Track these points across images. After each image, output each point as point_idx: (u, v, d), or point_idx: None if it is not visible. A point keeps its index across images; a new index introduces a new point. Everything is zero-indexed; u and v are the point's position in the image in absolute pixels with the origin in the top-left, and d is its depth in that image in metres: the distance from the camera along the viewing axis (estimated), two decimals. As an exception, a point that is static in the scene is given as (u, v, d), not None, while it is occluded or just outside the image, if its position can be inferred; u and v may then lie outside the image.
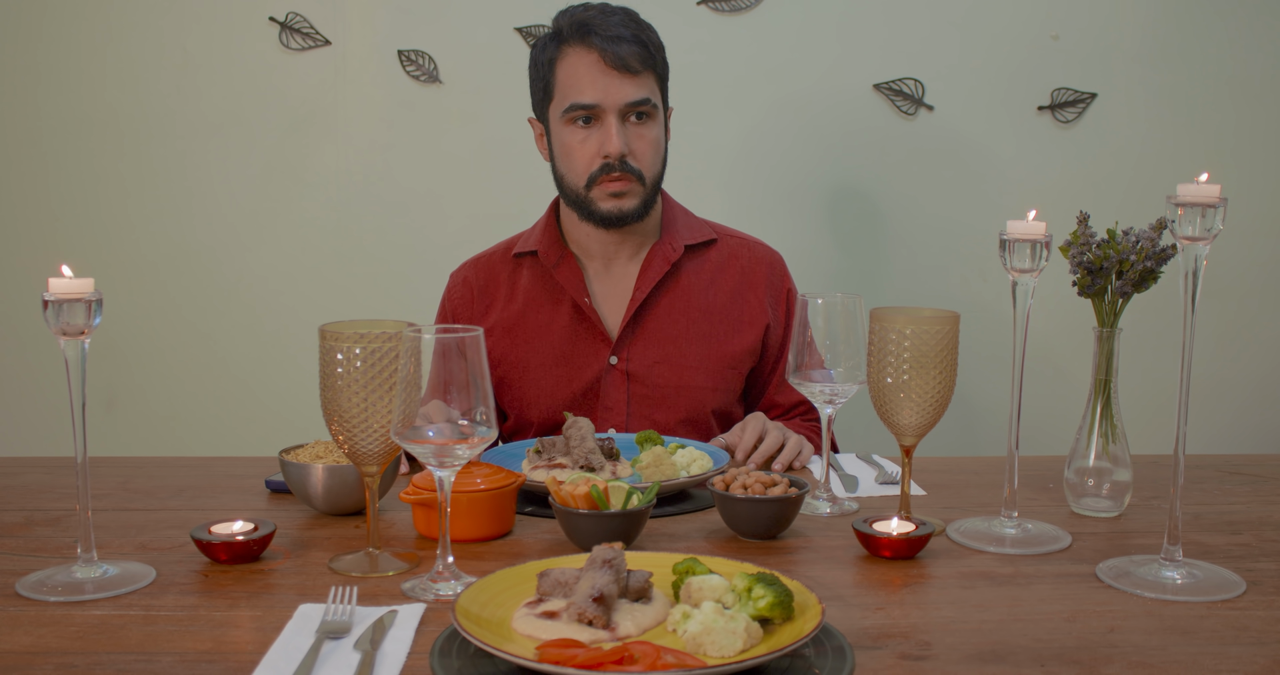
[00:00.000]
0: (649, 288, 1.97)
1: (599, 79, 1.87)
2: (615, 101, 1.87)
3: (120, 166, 2.79)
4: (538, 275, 2.02)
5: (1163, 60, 2.77)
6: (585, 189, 1.91)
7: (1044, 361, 2.79)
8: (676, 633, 1.05)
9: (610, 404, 1.97)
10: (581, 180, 1.91)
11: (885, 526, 1.37)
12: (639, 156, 1.90)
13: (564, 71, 1.90)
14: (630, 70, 1.87)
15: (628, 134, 1.89)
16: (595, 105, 1.87)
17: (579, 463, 1.61)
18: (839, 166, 2.80)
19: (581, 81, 1.88)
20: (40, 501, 1.58)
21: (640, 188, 1.92)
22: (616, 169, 1.88)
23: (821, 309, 1.54)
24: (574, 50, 1.89)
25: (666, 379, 1.97)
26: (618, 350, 1.97)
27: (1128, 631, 1.13)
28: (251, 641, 1.10)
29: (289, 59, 2.75)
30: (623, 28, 1.88)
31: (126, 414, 2.86)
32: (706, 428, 2.00)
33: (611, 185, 1.90)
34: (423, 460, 1.20)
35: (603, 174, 1.89)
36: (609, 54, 1.86)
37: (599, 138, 1.89)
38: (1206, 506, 1.58)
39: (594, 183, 1.90)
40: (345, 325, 1.28)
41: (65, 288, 1.19)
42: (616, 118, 1.88)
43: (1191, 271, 1.22)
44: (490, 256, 2.08)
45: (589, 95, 1.87)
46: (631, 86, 1.88)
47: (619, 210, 1.91)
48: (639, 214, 1.93)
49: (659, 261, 1.99)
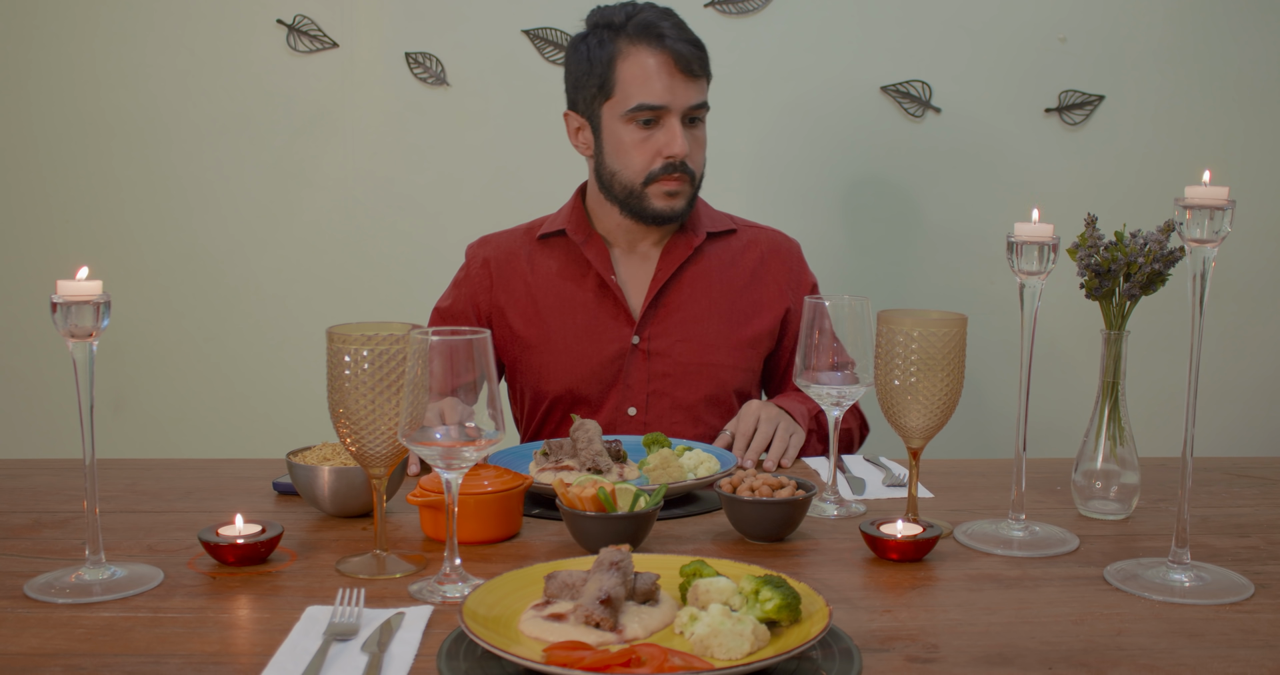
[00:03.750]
0: (672, 269, 2.02)
1: (668, 81, 1.90)
2: (681, 104, 1.92)
3: (128, 169, 2.79)
4: (563, 253, 2.05)
5: (1171, 62, 2.76)
6: (642, 186, 1.95)
7: (1052, 364, 2.78)
8: (684, 635, 1.05)
9: (631, 383, 2.00)
10: (639, 177, 1.95)
11: (892, 529, 1.36)
12: (694, 158, 1.97)
13: (629, 70, 1.92)
14: (694, 74, 1.92)
15: (687, 136, 1.94)
16: (663, 107, 1.91)
17: (586, 465, 1.62)
18: (846, 169, 2.80)
19: (650, 82, 1.91)
20: (48, 503, 1.59)
21: (691, 188, 1.98)
22: (677, 170, 1.93)
23: (830, 311, 1.54)
24: (639, 50, 1.91)
25: (688, 357, 2.00)
26: (640, 330, 2.00)
27: (1135, 634, 1.13)
28: (259, 643, 1.10)
29: (296, 61, 2.75)
30: (682, 31, 1.94)
31: (134, 416, 2.86)
32: (728, 406, 2.03)
33: (669, 184, 1.94)
34: (430, 462, 1.20)
35: (663, 173, 1.94)
36: (680, 58, 1.90)
37: (662, 138, 1.93)
38: (1214, 509, 1.58)
39: (652, 180, 1.94)
40: (353, 327, 1.28)
41: (73, 290, 1.19)
42: (680, 120, 1.92)
43: (1200, 274, 1.21)
44: (510, 235, 2.12)
45: (658, 97, 1.90)
46: (695, 90, 1.93)
47: (671, 209, 1.97)
48: (686, 213, 2.00)
49: (682, 246, 2.04)
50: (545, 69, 2.74)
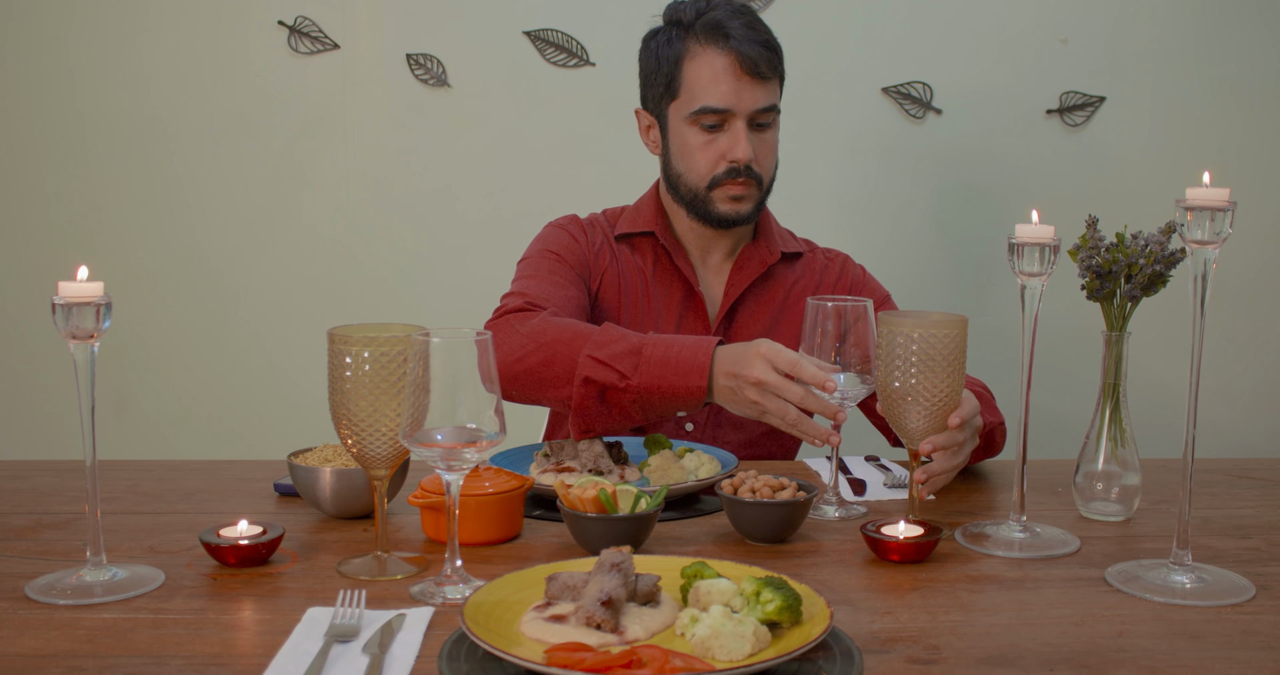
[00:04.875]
0: (745, 285, 1.98)
1: (733, 84, 1.85)
2: (747, 107, 1.86)
3: (129, 170, 2.79)
4: (650, 255, 2.00)
5: (1171, 63, 2.76)
6: (706, 190, 1.91)
7: (1052, 365, 2.78)
8: (685, 636, 1.05)
9: None
10: (704, 181, 1.91)
11: (893, 530, 1.36)
12: (761, 161, 1.91)
13: (694, 71, 1.88)
14: (762, 76, 1.86)
15: (753, 140, 1.88)
16: (726, 110, 1.86)
17: (587, 466, 1.62)
18: (847, 170, 2.80)
19: (715, 85, 1.86)
20: (49, 505, 1.59)
21: (758, 192, 1.92)
22: (742, 174, 1.88)
23: (832, 312, 1.55)
24: (706, 50, 1.86)
25: None
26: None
27: (1136, 636, 1.13)
28: (260, 645, 1.10)
29: (297, 63, 2.75)
30: (753, 30, 1.87)
31: (135, 417, 2.86)
32: (779, 432, 1.97)
33: (735, 188, 1.90)
34: (431, 464, 1.20)
35: (727, 178, 1.89)
36: (746, 60, 1.84)
37: (726, 141, 1.88)
38: (1215, 511, 1.58)
39: (716, 185, 1.90)
40: (354, 329, 1.28)
41: (74, 291, 1.19)
42: (745, 123, 1.87)
43: (1200, 275, 1.21)
44: (592, 225, 2.03)
45: (722, 100, 1.86)
46: (762, 92, 1.87)
47: (736, 213, 1.92)
48: (752, 217, 1.94)
49: (755, 262, 1.99)
50: (546, 70, 2.74)
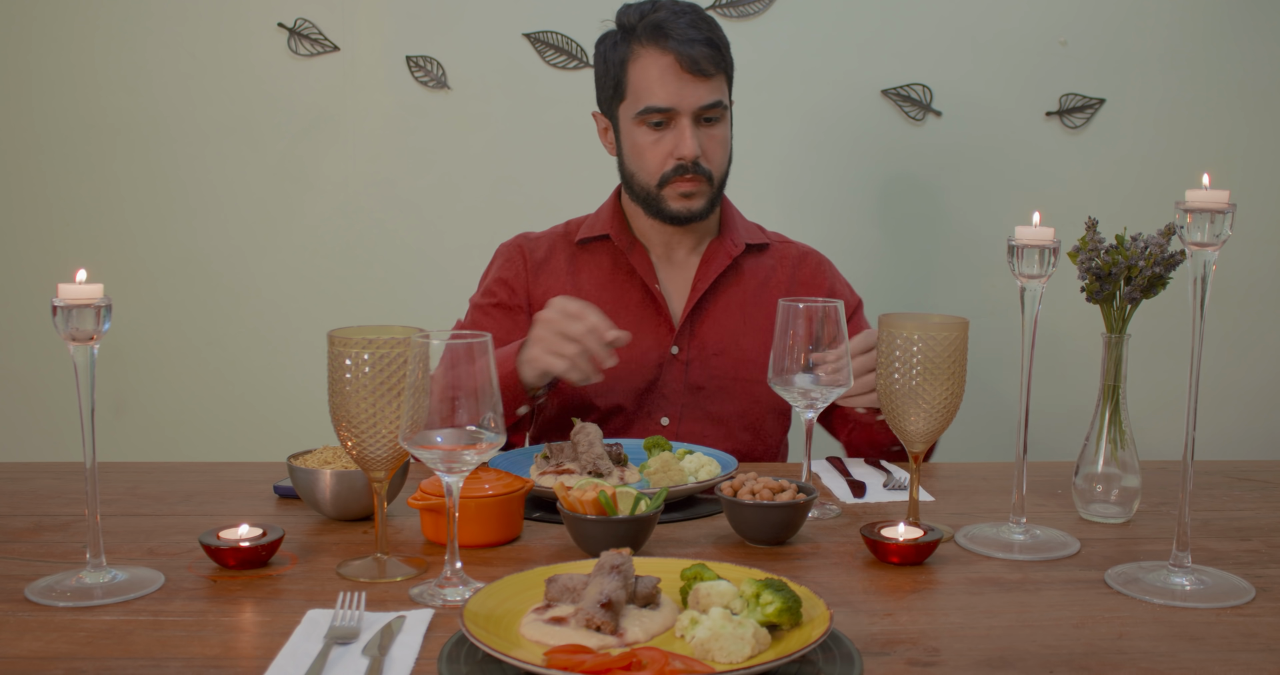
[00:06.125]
0: (711, 279, 2.00)
1: (674, 83, 1.88)
2: (690, 105, 1.89)
3: (129, 172, 2.79)
4: (605, 259, 2.04)
5: (1171, 66, 2.76)
6: (657, 188, 1.94)
7: (1052, 367, 2.78)
8: (684, 638, 1.05)
9: (667, 393, 1.99)
10: (653, 180, 1.94)
11: (893, 532, 1.36)
12: (710, 157, 1.93)
13: (638, 73, 1.91)
14: (704, 73, 1.88)
15: (700, 136, 1.91)
16: (670, 109, 1.89)
17: (587, 468, 1.62)
18: (847, 172, 2.80)
19: (656, 85, 1.89)
20: (49, 506, 1.59)
21: (709, 188, 1.95)
22: (690, 171, 1.91)
23: (803, 313, 1.53)
24: (648, 51, 1.90)
25: (724, 371, 1.99)
26: (678, 340, 1.99)
27: (1136, 638, 1.13)
28: (259, 647, 1.10)
29: (297, 65, 2.75)
30: (695, 29, 1.89)
31: (135, 419, 2.86)
32: (762, 423, 2.01)
33: (684, 185, 1.93)
34: (431, 466, 1.20)
35: (676, 175, 1.92)
36: (685, 58, 1.87)
37: (672, 140, 1.91)
38: (1215, 512, 1.58)
39: (666, 182, 1.93)
40: (354, 331, 1.28)
41: (74, 293, 1.19)
42: (690, 121, 1.90)
43: (1200, 277, 1.21)
44: (549, 236, 2.09)
45: (664, 99, 1.89)
46: (705, 89, 1.89)
47: (688, 210, 1.95)
48: (706, 213, 1.97)
49: (721, 256, 2.02)
50: (546, 72, 2.74)
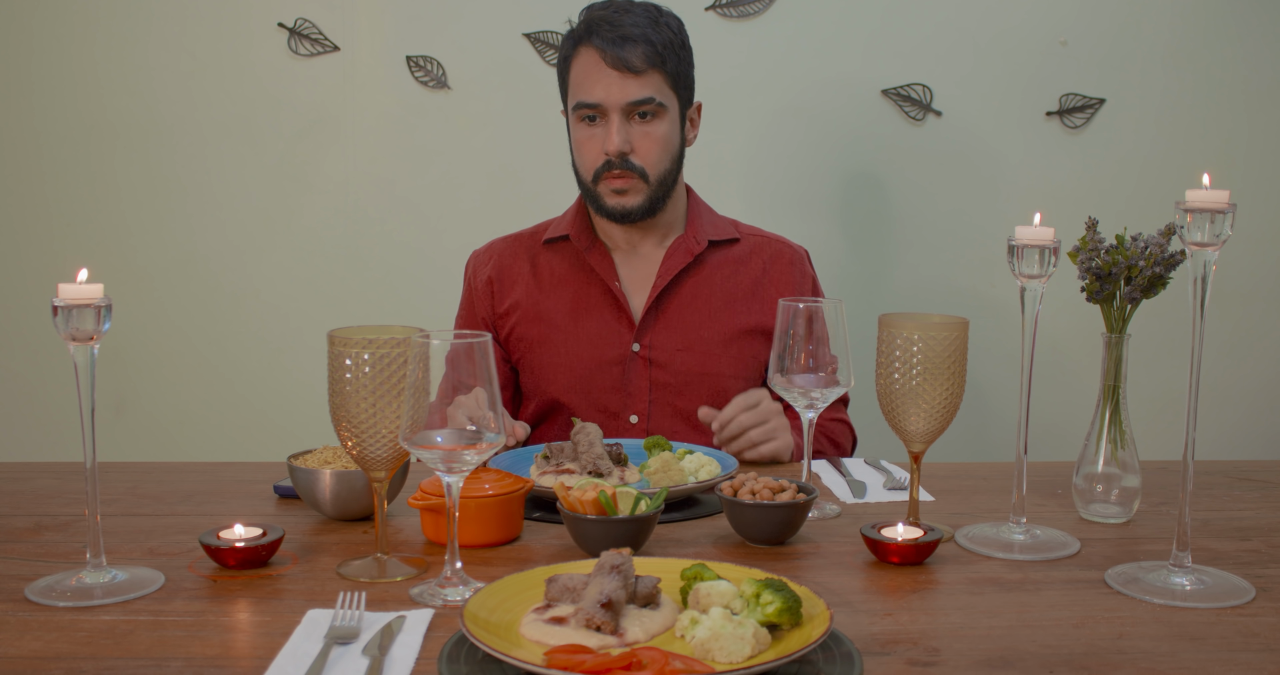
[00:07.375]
0: (670, 275, 2.01)
1: (600, 79, 1.91)
2: (616, 101, 1.91)
3: (129, 172, 2.79)
4: (567, 259, 2.06)
5: (1171, 65, 2.76)
6: (593, 184, 1.97)
7: (1052, 367, 2.78)
8: (685, 638, 1.05)
9: (632, 390, 2.00)
10: (589, 175, 1.97)
11: (893, 532, 1.36)
12: (642, 154, 1.94)
13: (575, 71, 1.96)
14: (633, 70, 1.90)
15: (631, 132, 1.93)
16: (598, 104, 1.92)
17: (587, 468, 1.62)
18: (847, 172, 2.80)
19: (585, 80, 1.93)
20: (49, 506, 1.59)
21: (644, 185, 1.95)
22: (618, 166, 1.93)
23: (803, 313, 1.53)
24: (583, 50, 1.94)
25: (688, 365, 2.00)
26: (640, 337, 2.00)
27: (1136, 638, 1.13)
28: (260, 647, 1.10)
29: (298, 65, 2.75)
30: (632, 27, 1.90)
31: (135, 419, 2.86)
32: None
33: (614, 181, 1.95)
34: (431, 466, 1.20)
35: (605, 171, 1.94)
36: (609, 55, 1.90)
37: (603, 135, 1.93)
38: (1215, 512, 1.58)
39: (599, 178, 1.95)
40: (354, 331, 1.28)
41: (75, 293, 1.19)
42: (619, 116, 1.92)
43: (1200, 277, 1.21)
44: (515, 240, 2.12)
45: (591, 94, 1.92)
46: (635, 85, 1.91)
47: (621, 207, 1.96)
48: (644, 211, 1.97)
49: (682, 252, 2.03)
50: (546, 72, 2.74)
